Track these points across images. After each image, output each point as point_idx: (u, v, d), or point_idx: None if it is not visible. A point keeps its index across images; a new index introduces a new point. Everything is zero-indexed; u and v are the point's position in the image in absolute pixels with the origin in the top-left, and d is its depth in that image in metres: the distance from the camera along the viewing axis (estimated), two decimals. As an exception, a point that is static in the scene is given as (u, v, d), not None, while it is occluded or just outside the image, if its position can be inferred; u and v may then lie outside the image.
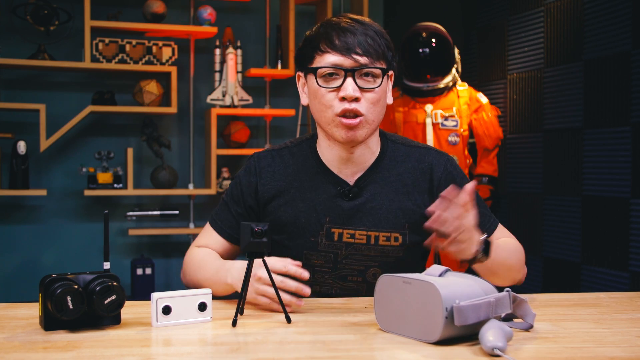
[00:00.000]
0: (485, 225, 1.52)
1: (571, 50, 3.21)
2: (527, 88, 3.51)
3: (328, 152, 1.52)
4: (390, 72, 1.48)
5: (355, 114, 1.41)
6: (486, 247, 1.29)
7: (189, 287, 1.53)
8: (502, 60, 3.70)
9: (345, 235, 1.50)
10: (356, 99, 1.40)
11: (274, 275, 1.29)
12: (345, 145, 1.47)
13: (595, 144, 3.07)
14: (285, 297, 1.29)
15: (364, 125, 1.43)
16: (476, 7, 3.94)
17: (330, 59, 1.41)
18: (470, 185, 1.19)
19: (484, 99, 3.58)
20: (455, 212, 1.18)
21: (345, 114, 1.41)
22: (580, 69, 3.15)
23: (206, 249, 1.57)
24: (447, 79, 3.51)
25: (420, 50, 3.50)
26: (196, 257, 1.55)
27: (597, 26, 3.06)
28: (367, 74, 1.41)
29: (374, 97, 1.42)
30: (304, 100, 1.52)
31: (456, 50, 3.58)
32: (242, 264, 1.40)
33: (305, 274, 1.33)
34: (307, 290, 1.32)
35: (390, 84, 1.50)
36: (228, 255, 1.59)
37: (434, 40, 3.51)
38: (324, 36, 1.42)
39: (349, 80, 1.40)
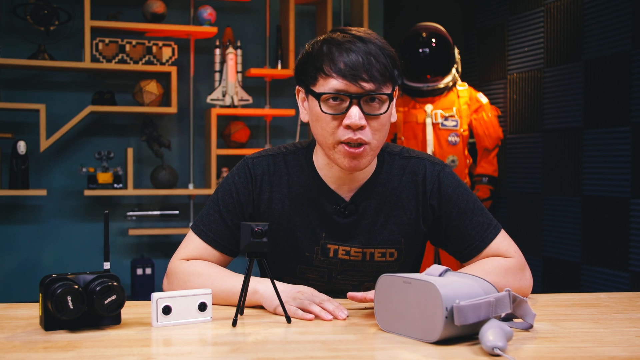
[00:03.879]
0: (482, 236, 1.47)
1: (571, 50, 3.21)
2: (527, 88, 3.51)
3: (326, 170, 1.47)
4: (396, 89, 1.42)
5: (360, 143, 1.36)
6: None
7: None
8: (502, 60, 3.70)
9: (340, 252, 1.48)
10: (361, 127, 1.34)
11: (316, 293, 1.31)
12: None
13: (595, 144, 3.07)
14: (328, 307, 1.28)
15: (367, 153, 1.37)
16: (476, 7, 3.94)
17: (335, 84, 1.33)
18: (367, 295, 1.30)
19: (484, 99, 3.58)
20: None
21: (349, 142, 1.36)
22: (580, 69, 3.15)
23: (205, 262, 1.47)
24: (447, 79, 3.51)
25: (420, 50, 3.50)
26: (200, 270, 1.43)
27: (597, 26, 3.06)
28: (372, 99, 1.35)
29: (379, 123, 1.36)
30: (304, 116, 1.45)
31: (456, 50, 3.58)
32: (269, 282, 1.34)
33: (342, 315, 1.28)
34: (342, 315, 1.27)
35: (395, 99, 1.43)
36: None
37: (434, 40, 3.51)
38: (328, 57, 1.34)
39: (355, 108, 1.33)
